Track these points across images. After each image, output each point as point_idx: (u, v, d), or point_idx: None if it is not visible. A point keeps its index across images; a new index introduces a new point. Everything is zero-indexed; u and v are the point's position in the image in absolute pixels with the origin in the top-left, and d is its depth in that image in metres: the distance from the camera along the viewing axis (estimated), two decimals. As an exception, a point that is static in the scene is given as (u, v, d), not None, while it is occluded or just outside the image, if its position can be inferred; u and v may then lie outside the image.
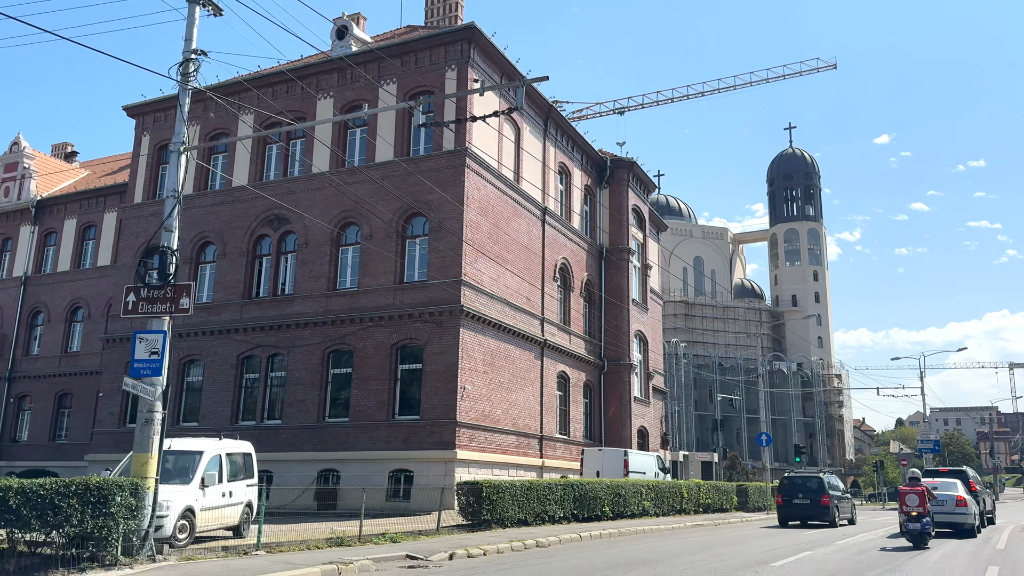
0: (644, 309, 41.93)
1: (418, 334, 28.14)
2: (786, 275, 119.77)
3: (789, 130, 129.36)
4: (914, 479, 20.63)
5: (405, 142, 30.38)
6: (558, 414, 34.97)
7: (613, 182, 40.63)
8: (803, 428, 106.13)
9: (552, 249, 35.09)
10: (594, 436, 37.83)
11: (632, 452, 31.23)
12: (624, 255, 39.76)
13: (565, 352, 35.22)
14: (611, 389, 38.71)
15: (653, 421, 43.31)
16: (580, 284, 37.66)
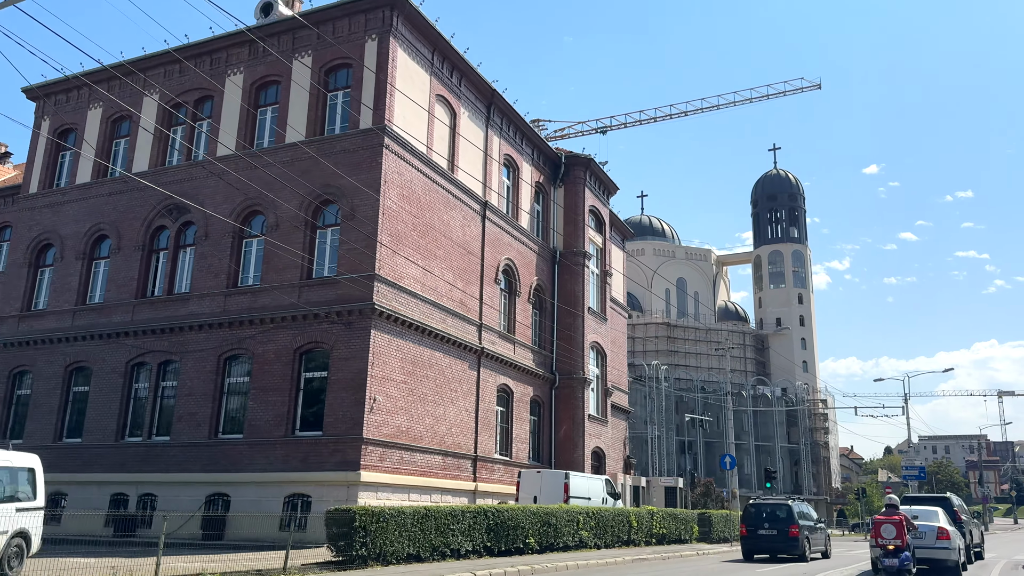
0: (602, 319, 38.10)
1: (325, 337, 24.23)
2: (770, 297, 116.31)
3: (774, 151, 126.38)
4: (891, 506, 16.84)
5: (319, 121, 26.67)
6: (498, 432, 30.97)
7: (568, 180, 36.96)
8: (788, 455, 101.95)
9: (494, 248, 31.31)
10: (542, 458, 33.80)
11: (575, 475, 27.23)
12: (580, 259, 36.00)
13: (508, 363, 31.30)
14: (563, 406, 34.74)
15: (612, 442, 39.29)
16: (528, 289, 33.85)
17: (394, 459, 24.12)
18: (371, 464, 23.08)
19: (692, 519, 31.85)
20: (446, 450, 26.83)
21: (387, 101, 25.33)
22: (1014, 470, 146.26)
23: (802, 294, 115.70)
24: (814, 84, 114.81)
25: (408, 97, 26.09)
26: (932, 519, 20.02)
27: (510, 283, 32.70)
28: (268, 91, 28.07)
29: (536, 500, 26.64)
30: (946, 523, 20.28)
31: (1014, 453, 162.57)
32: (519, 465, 31.07)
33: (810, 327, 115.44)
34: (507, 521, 20.53)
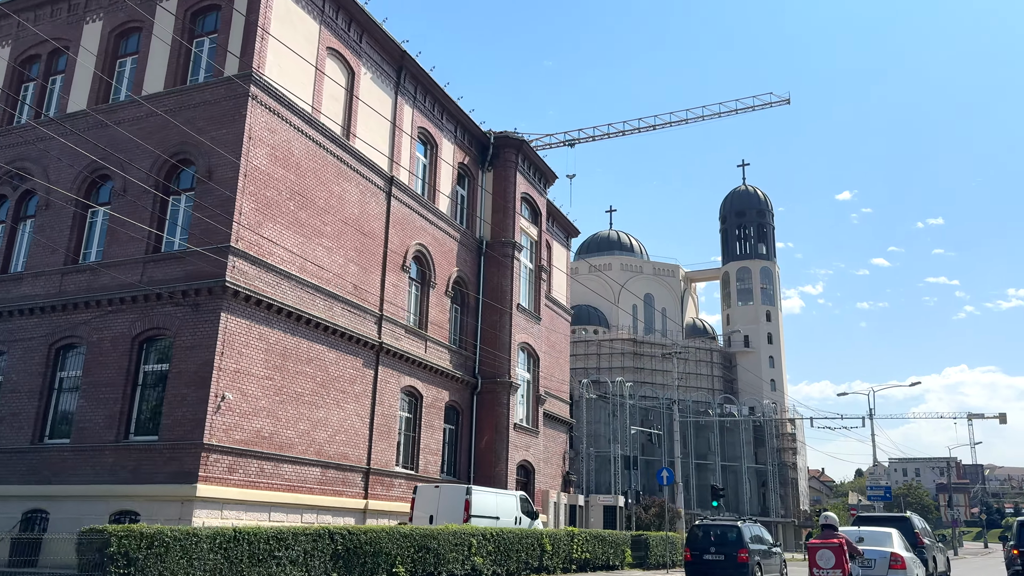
0: (535, 319, 33.91)
1: (169, 322, 19.83)
2: (738, 315, 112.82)
3: (742, 167, 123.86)
4: (828, 527, 12.79)
5: (181, 72, 22.44)
6: (402, 442, 26.58)
7: (498, 164, 32.89)
8: (755, 475, 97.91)
9: (403, 231, 27.11)
10: (459, 472, 29.41)
11: (479, 490, 22.87)
12: (508, 250, 31.84)
13: (417, 363, 26.99)
14: (485, 413, 30.42)
15: (544, 456, 34.97)
16: (447, 281, 29.63)
17: (250, 470, 19.67)
18: (215, 476, 18.63)
19: (624, 542, 27.51)
20: (327, 461, 22.42)
21: (257, 46, 21.16)
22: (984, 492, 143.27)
23: (770, 311, 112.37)
24: (783, 99, 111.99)
25: (287, 46, 21.94)
26: (884, 543, 16.03)
27: (423, 272, 28.47)
28: (129, 40, 23.81)
29: (432, 520, 22.30)
30: (901, 548, 16.26)
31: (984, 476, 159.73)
32: (428, 480, 26.65)
33: (778, 345, 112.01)
34: (364, 546, 16.14)
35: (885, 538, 16.55)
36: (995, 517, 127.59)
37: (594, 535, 25.53)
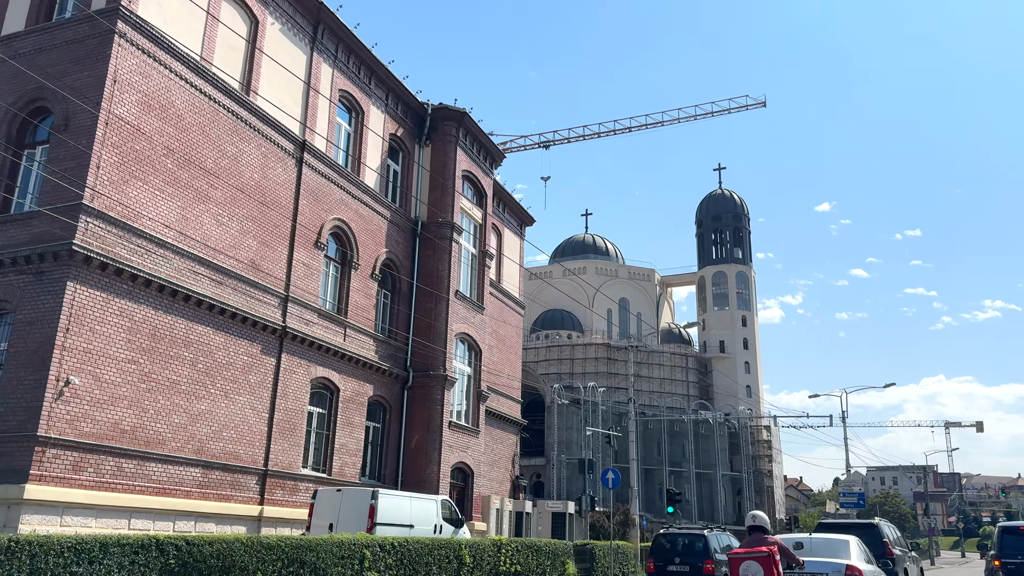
0: (477, 307, 30.89)
1: (10, 294, 16.68)
2: (714, 320, 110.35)
3: (719, 171, 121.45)
4: (757, 530, 9.88)
5: (46, 7, 19.40)
6: (312, 441, 23.47)
7: (436, 137, 29.92)
8: (730, 484, 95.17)
9: (318, 204, 24.06)
10: (385, 475, 26.30)
11: (388, 494, 19.78)
12: (446, 231, 28.85)
13: (333, 352, 23.91)
14: (417, 410, 27.35)
15: (490, 459, 31.95)
16: (374, 262, 26.59)
17: (104, 469, 16.51)
18: (54, 475, 15.47)
19: (565, 552, 24.45)
20: (211, 461, 19.27)
21: (127, -23, 18.14)
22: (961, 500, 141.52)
23: (746, 316, 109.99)
24: (759, 102, 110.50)
25: None
26: (840, 553, 13.15)
27: (343, 252, 25.41)
28: (-8, -25, 20.75)
29: (332, 528, 19.18)
30: (860, 560, 13.36)
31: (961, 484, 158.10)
32: (345, 484, 23.49)
33: (754, 350, 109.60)
34: (208, 560, 13.00)
35: (841, 548, 13.65)
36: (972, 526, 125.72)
37: (527, 544, 22.46)
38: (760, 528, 9.87)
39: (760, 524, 9.90)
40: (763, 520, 9.95)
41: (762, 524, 9.89)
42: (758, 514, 10.08)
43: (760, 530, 9.85)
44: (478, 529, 28.26)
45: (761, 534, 9.80)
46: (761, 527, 9.87)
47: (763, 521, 9.93)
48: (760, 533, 9.83)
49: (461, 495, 28.66)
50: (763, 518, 10.01)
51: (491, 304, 34.38)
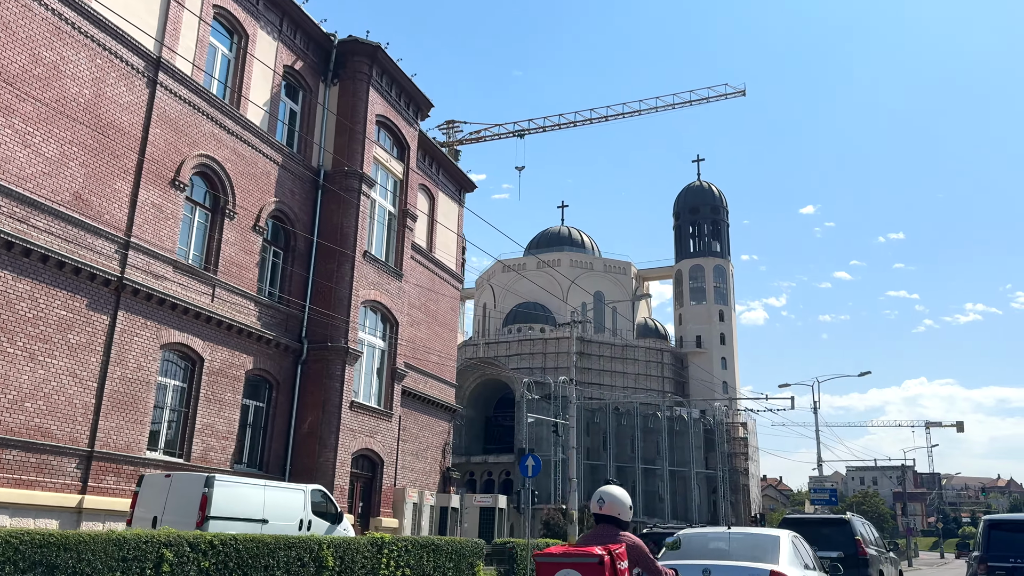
0: (393, 273, 26.69)
1: None
2: (691, 314, 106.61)
3: (697, 163, 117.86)
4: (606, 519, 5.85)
5: None
6: (165, 419, 19.24)
7: (345, 75, 25.74)
8: (705, 482, 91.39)
9: (177, 135, 19.80)
10: (269, 463, 22.09)
11: (228, 482, 15.60)
12: (354, 183, 24.67)
13: (196, 313, 19.71)
14: (312, 388, 23.18)
15: (411, 447, 27.81)
16: (258, 213, 22.35)
17: None
18: None
19: (475, 553, 20.29)
20: (6, 438, 15.08)
21: None
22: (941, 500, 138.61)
23: (723, 311, 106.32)
24: (738, 91, 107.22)
25: None
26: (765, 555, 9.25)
27: (215, 197, 21.19)
28: None
29: (156, 522, 15.02)
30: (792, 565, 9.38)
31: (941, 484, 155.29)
32: (211, 471, 19.22)
33: (731, 346, 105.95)
34: None
35: (768, 546, 9.67)
36: (952, 526, 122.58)
37: (423, 544, 18.27)
38: (610, 519, 5.82)
39: (610, 512, 5.84)
40: (617, 503, 5.85)
41: (614, 512, 5.83)
42: (609, 492, 5.96)
43: (611, 521, 5.80)
44: (386, 526, 24.12)
45: (611, 527, 5.76)
46: (612, 517, 5.82)
47: (616, 506, 5.85)
48: (609, 525, 5.79)
49: (368, 487, 24.50)
50: (616, 499, 5.89)
51: (418, 274, 30.25)
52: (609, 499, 5.88)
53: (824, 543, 14.66)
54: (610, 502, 5.86)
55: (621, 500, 5.88)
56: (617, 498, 5.88)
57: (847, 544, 15.10)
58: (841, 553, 14.56)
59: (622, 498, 5.90)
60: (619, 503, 5.86)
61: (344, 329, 23.44)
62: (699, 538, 10.75)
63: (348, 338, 23.46)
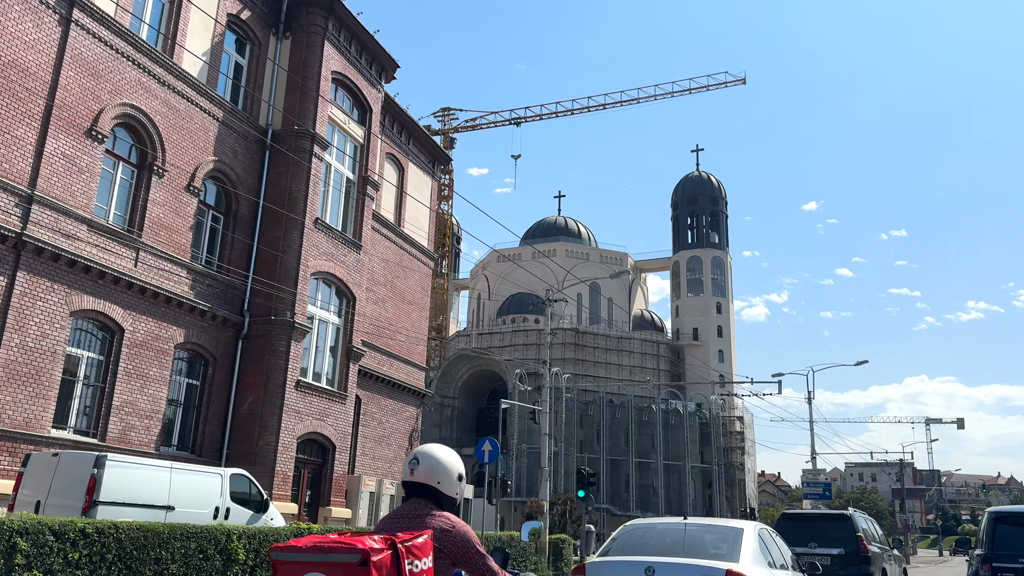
0: (351, 244, 24.64)
1: None
2: (688, 306, 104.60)
3: (696, 152, 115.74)
4: (418, 488, 3.81)
5: None
6: (77, 394, 17.29)
7: (298, 28, 23.69)
8: (700, 476, 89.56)
9: (95, 81, 17.76)
10: (204, 446, 20.11)
11: (126, 462, 13.62)
12: (305, 143, 22.63)
13: (115, 279, 17.74)
14: (254, 365, 21.22)
15: (373, 433, 25.85)
16: (193, 172, 20.31)
17: None
18: None
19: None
20: None
21: None
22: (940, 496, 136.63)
23: (721, 303, 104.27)
24: (738, 79, 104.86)
25: None
26: (726, 551, 7.58)
27: (141, 152, 19.19)
28: None
29: (40, 507, 13.10)
30: (754, 562, 7.56)
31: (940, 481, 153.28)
32: (131, 452, 17.27)
33: (729, 338, 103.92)
34: None
35: (728, 541, 7.83)
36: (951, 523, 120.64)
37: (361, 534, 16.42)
38: (425, 490, 3.86)
39: (424, 480, 3.86)
40: (436, 467, 3.85)
41: (431, 480, 3.85)
42: (427, 451, 3.95)
43: (425, 494, 3.84)
44: (337, 517, 22.18)
45: (424, 503, 3.80)
46: (427, 488, 3.85)
47: (435, 471, 3.84)
48: (422, 501, 3.82)
49: (317, 474, 22.54)
50: (435, 461, 3.86)
51: (384, 248, 28.27)
52: (425, 461, 3.89)
53: (825, 539, 14.44)
54: (426, 465, 3.87)
55: (443, 463, 3.89)
56: (437, 460, 3.89)
57: (848, 540, 14.42)
58: (842, 550, 14.20)
59: (446, 460, 3.91)
60: (439, 467, 3.87)
61: (291, 302, 21.45)
62: (648, 530, 9.02)
63: (295, 311, 21.47)
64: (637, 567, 7.38)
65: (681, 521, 8.80)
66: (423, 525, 3.64)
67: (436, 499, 3.86)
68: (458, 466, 3.98)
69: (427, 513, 3.75)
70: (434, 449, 3.97)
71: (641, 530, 8.99)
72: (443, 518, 3.75)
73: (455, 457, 3.99)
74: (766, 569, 7.85)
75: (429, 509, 3.76)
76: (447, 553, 3.68)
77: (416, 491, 3.88)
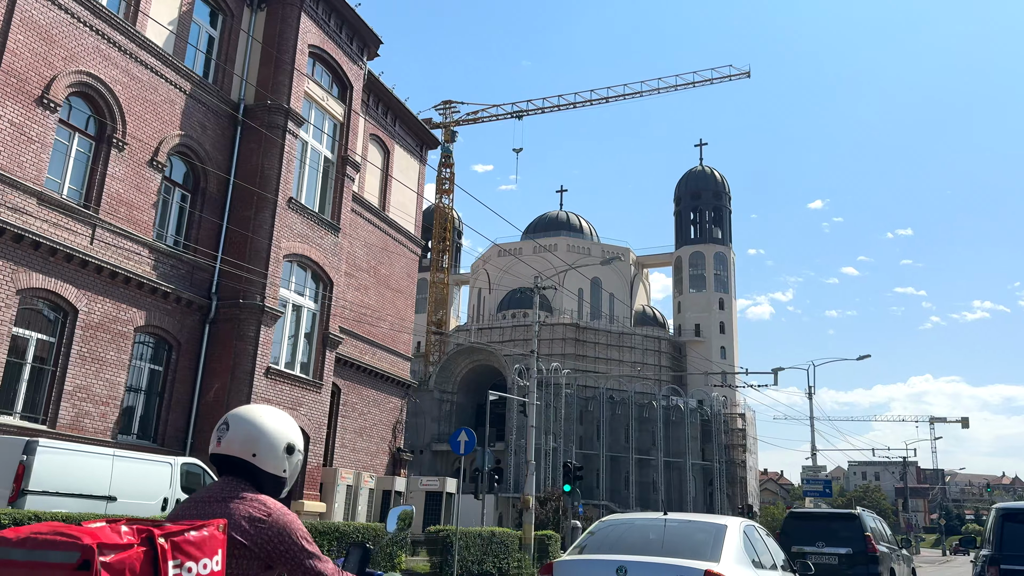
0: (328, 227, 23.53)
1: None
2: (690, 302, 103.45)
3: (700, 147, 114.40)
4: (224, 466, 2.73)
5: None
6: (25, 378, 16.25)
7: (273, 0, 22.64)
8: (701, 473, 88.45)
9: (48, 46, 16.68)
10: (167, 434, 19.08)
11: (58, 448, 12.48)
12: (279, 119, 21.53)
13: (68, 256, 16.71)
14: (222, 351, 20.17)
15: (353, 424, 24.82)
16: (156, 146, 19.23)
17: None
18: None
19: (393, 542, 17.32)
20: None
21: None
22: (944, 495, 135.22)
23: (724, 299, 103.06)
24: (743, 72, 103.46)
25: None
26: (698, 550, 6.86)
27: (100, 123, 18.14)
28: None
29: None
30: (737, 562, 6.70)
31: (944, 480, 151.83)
32: (84, 440, 16.24)
33: (731, 335, 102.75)
34: None
35: (710, 539, 7.07)
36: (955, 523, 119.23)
37: (320, 530, 15.25)
38: (236, 464, 2.78)
39: (231, 452, 2.77)
40: (250, 434, 2.77)
41: (244, 454, 2.77)
42: (240, 415, 2.86)
43: (237, 470, 2.77)
44: (310, 511, 21.13)
45: (234, 483, 2.72)
46: (238, 462, 2.77)
47: (250, 440, 2.76)
48: (232, 480, 2.73)
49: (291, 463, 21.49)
50: (249, 426, 2.77)
51: (367, 233, 27.21)
52: (238, 426, 2.81)
53: (832, 539, 14.37)
54: (238, 432, 2.79)
55: (263, 428, 2.82)
56: (253, 424, 2.82)
57: (856, 540, 14.26)
58: (850, 550, 14.11)
59: (268, 425, 2.84)
60: (257, 434, 2.81)
61: (261, 284, 20.39)
62: (625, 526, 8.34)
63: (266, 295, 20.40)
64: (608, 566, 6.78)
65: (661, 517, 8.08)
66: (224, 512, 2.57)
67: (254, 478, 2.78)
68: (286, 434, 2.88)
69: (235, 496, 2.68)
70: (252, 411, 2.88)
71: (618, 526, 8.37)
72: (254, 503, 2.67)
73: (284, 423, 2.90)
74: (750, 569, 7.06)
75: (239, 491, 2.68)
76: (257, 551, 2.61)
77: (226, 467, 2.81)
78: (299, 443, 2.92)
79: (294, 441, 2.89)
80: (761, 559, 7.62)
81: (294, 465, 2.91)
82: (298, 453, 2.92)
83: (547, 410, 78.25)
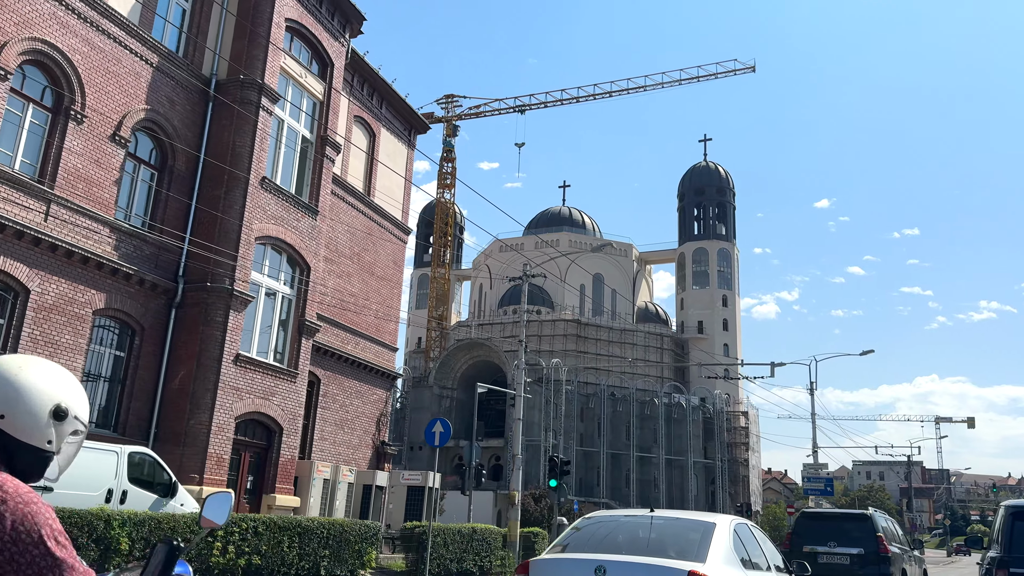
0: (305, 209, 22.50)
1: None
2: (693, 299, 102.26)
3: (704, 142, 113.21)
4: None
5: None
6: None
7: (247, -30, 21.63)
8: (703, 471, 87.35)
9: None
10: (129, 424, 18.10)
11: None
12: (252, 95, 20.52)
13: (18, 233, 15.73)
14: (188, 337, 19.19)
15: (334, 416, 23.84)
16: (119, 120, 18.24)
17: None
18: None
19: (364, 538, 16.23)
20: None
21: None
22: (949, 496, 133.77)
23: (727, 296, 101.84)
24: (747, 66, 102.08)
25: None
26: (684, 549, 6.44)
27: (58, 94, 17.16)
28: None
29: None
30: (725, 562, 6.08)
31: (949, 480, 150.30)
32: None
33: (734, 332, 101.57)
34: None
35: (697, 537, 6.57)
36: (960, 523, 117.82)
37: (281, 525, 14.21)
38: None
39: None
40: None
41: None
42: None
43: None
44: (283, 505, 20.15)
45: None
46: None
47: None
48: None
49: (261, 459, 20.51)
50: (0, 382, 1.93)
51: (351, 218, 26.21)
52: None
53: (844, 539, 14.44)
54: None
55: (17, 385, 2.01)
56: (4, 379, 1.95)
57: (868, 540, 14.31)
58: (861, 550, 14.17)
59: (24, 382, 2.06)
60: (3, 387, 1.96)
61: (231, 267, 19.39)
62: (609, 524, 7.95)
63: (235, 278, 19.40)
64: (586, 566, 6.51)
65: (648, 513, 7.63)
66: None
67: (3, 448, 1.94)
68: (54, 393, 2.02)
69: None
70: (6, 361, 2.02)
71: (603, 523, 7.99)
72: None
73: (53, 378, 2.04)
74: (739, 569, 6.58)
75: None
76: None
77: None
78: (76, 408, 2.06)
79: (68, 404, 2.03)
80: (753, 559, 7.11)
81: (59, 435, 2.00)
82: (75, 422, 2.06)
83: (547, 407, 77.24)
